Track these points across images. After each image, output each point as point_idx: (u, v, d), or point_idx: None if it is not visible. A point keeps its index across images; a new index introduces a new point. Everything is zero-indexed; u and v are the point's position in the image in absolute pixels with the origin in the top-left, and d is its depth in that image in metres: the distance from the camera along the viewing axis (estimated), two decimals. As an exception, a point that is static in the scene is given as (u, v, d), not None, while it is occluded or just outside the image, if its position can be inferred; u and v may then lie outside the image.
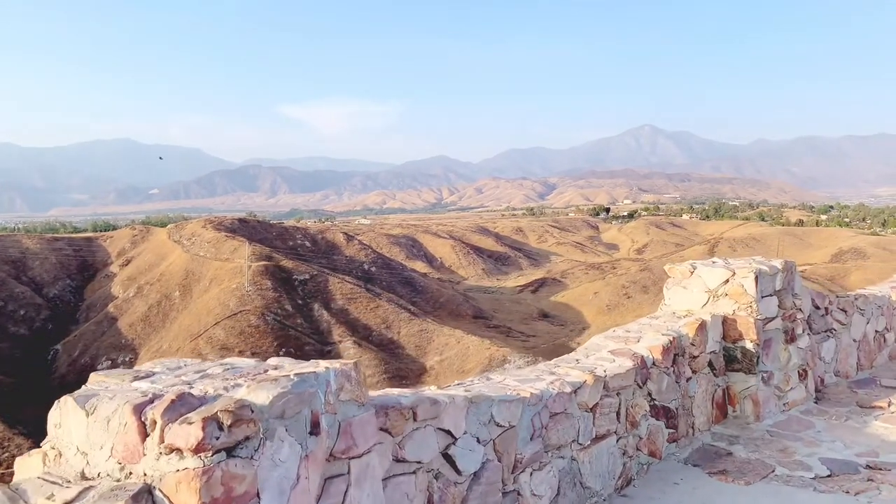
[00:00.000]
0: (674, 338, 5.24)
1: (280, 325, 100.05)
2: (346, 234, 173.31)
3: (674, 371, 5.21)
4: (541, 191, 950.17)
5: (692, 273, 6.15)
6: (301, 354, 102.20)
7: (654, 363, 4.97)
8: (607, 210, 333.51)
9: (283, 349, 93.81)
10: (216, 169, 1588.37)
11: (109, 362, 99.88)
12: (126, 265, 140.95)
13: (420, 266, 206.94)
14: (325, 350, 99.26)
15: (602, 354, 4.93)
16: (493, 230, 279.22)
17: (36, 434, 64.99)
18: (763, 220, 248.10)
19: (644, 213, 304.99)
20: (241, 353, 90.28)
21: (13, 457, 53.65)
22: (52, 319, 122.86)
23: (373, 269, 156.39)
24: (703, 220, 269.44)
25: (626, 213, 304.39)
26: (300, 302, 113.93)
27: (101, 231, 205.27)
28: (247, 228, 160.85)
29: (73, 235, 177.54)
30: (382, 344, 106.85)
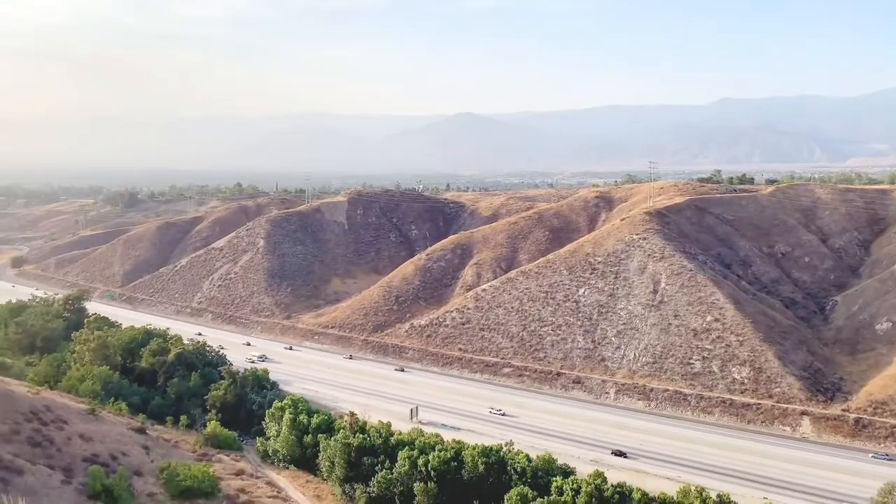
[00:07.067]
0: None
1: None
2: None
3: None
4: None
5: None
6: None
7: None
8: None
9: None
10: None
11: (890, 323, 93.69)
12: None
13: None
14: None
15: None
16: None
17: (808, 377, 68.07)
18: None
19: None
20: None
21: (783, 392, 58.01)
22: (834, 270, 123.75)
23: None
24: None
25: None
26: None
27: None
28: None
29: (867, 187, 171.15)
30: None
